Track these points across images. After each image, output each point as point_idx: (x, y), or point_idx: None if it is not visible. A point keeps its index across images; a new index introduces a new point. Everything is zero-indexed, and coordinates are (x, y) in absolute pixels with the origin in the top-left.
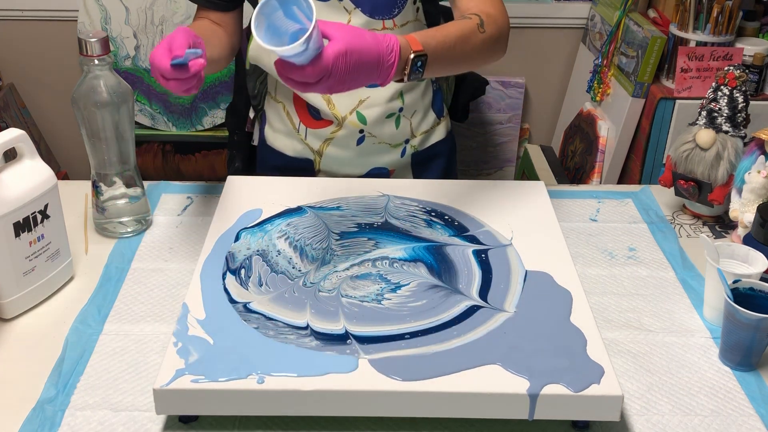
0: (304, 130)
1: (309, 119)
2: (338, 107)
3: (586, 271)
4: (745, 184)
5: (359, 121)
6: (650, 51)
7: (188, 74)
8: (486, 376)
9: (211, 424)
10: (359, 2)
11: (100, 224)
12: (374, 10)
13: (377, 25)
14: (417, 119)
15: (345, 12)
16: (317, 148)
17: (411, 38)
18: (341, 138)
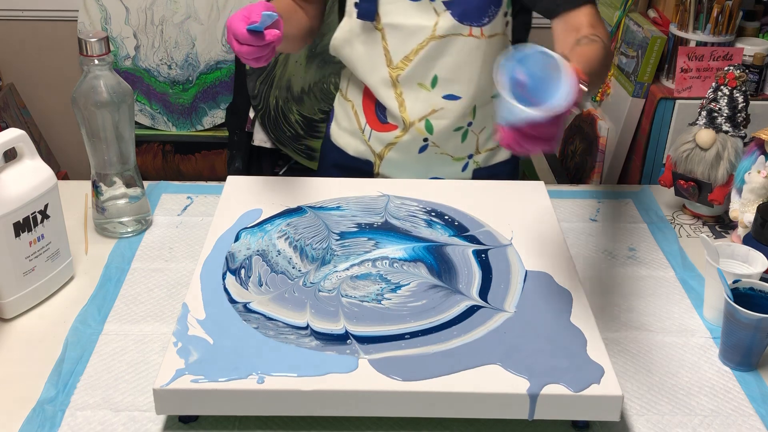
0: (368, 132)
1: (375, 121)
2: (409, 111)
3: (586, 271)
4: (745, 184)
5: (426, 129)
6: (650, 51)
7: (262, 42)
8: (486, 376)
9: (211, 424)
10: (450, 5)
11: (100, 224)
12: (464, 15)
13: (464, 30)
14: (485, 135)
15: (434, 13)
16: (379, 152)
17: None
18: (404, 143)
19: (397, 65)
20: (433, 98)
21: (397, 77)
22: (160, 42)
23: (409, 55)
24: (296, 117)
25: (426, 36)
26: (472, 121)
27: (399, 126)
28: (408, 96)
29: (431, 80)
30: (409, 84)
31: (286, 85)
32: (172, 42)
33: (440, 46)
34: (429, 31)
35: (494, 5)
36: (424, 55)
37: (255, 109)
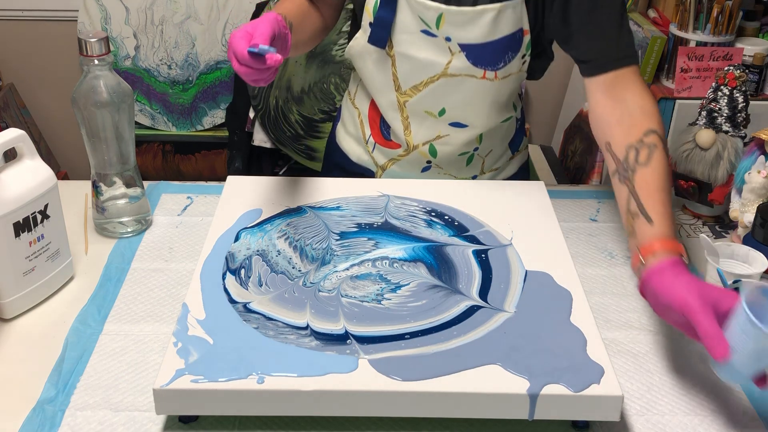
0: (372, 144)
1: (379, 136)
2: (414, 135)
3: (586, 271)
4: (745, 184)
5: (429, 153)
6: (650, 51)
7: (262, 66)
8: (486, 376)
9: (211, 424)
10: (466, 48)
11: (100, 224)
12: (479, 59)
13: (478, 73)
14: (491, 159)
15: (448, 52)
16: (381, 164)
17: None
18: (407, 162)
19: (406, 92)
20: (439, 125)
21: (405, 102)
22: (160, 42)
23: (418, 86)
24: (296, 117)
25: (437, 72)
26: (478, 147)
27: (402, 146)
28: (414, 120)
29: (439, 110)
30: (416, 110)
31: (286, 85)
32: (172, 42)
33: (451, 83)
34: (441, 68)
35: (512, 51)
36: (434, 89)
37: (255, 109)
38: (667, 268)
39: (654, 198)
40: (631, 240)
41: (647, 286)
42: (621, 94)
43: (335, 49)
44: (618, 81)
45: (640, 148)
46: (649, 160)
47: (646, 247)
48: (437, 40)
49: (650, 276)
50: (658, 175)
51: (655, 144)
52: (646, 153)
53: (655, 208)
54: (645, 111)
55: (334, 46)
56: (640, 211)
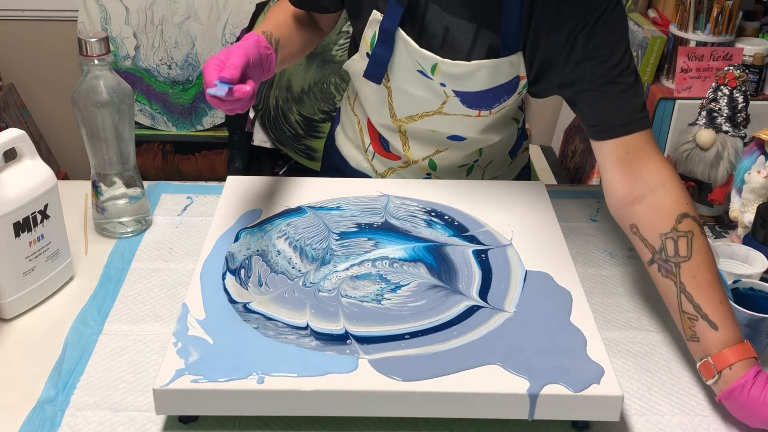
0: (372, 153)
1: (379, 147)
2: (413, 151)
3: (586, 271)
4: (745, 184)
5: (429, 166)
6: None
7: (230, 97)
8: (486, 376)
9: (211, 424)
10: (461, 95)
11: (100, 224)
12: (473, 104)
13: (472, 113)
14: (491, 169)
15: (443, 95)
16: (381, 172)
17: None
18: (406, 172)
19: (401, 119)
20: (438, 139)
21: (400, 126)
22: (160, 42)
23: (413, 116)
24: (296, 117)
25: (432, 109)
26: (479, 159)
27: (402, 159)
28: (412, 138)
29: (438, 129)
30: (413, 131)
31: (286, 85)
32: (172, 42)
33: (446, 119)
34: (436, 106)
35: (507, 94)
36: (429, 120)
37: (255, 109)
38: (750, 381)
39: (710, 297)
40: (693, 344)
41: (732, 401)
42: (637, 167)
43: (335, 49)
44: (631, 149)
45: (677, 238)
46: (691, 252)
47: (720, 359)
48: (433, 83)
49: (734, 392)
50: (706, 268)
51: (692, 231)
52: (686, 243)
53: (716, 311)
54: (669, 189)
55: (334, 46)
56: (700, 315)
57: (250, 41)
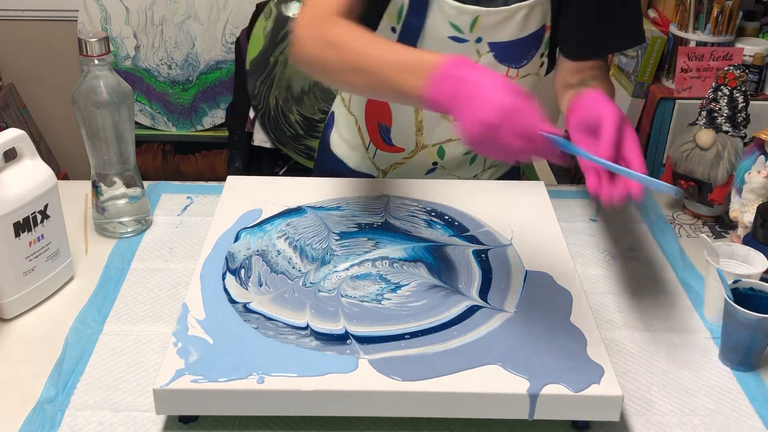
0: (373, 150)
1: (380, 142)
2: (425, 136)
3: (586, 271)
4: (745, 184)
5: (437, 154)
6: (650, 51)
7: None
8: (486, 376)
9: (211, 424)
10: (495, 46)
11: (100, 224)
12: (505, 57)
13: (501, 70)
14: (490, 159)
15: (476, 54)
16: (384, 168)
17: None
18: (411, 165)
19: None
20: (452, 129)
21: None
22: (160, 42)
23: None
24: (296, 117)
25: None
26: None
27: (408, 148)
28: (428, 123)
29: None
30: (432, 114)
31: (286, 85)
32: (172, 42)
33: None
34: None
35: (534, 48)
36: None
37: (255, 109)
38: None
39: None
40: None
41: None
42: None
43: None
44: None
45: (594, 77)
46: (599, 78)
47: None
48: (466, 45)
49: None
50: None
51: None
52: (599, 76)
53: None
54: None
55: None
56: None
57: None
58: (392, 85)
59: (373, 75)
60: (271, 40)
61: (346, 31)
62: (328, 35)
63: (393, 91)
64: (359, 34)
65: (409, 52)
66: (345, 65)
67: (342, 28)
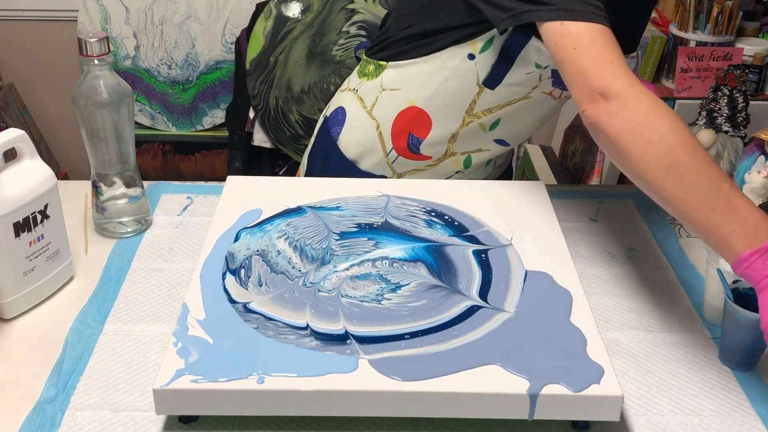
0: (394, 156)
1: (405, 151)
2: (457, 145)
3: (586, 271)
4: (745, 184)
5: (464, 163)
6: (650, 51)
7: None
8: (486, 376)
9: (211, 424)
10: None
11: (100, 224)
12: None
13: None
14: (500, 160)
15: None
16: (401, 172)
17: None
18: (432, 172)
19: (477, 114)
20: (484, 139)
21: (468, 122)
22: (160, 42)
23: (492, 108)
24: (296, 117)
25: (519, 96)
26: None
27: (435, 156)
28: (464, 133)
29: (493, 123)
30: (473, 126)
31: (286, 85)
32: (172, 42)
33: (526, 105)
34: (525, 93)
35: None
36: (506, 111)
37: (255, 109)
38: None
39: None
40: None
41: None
42: None
43: (335, 49)
44: None
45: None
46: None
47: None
48: (537, 70)
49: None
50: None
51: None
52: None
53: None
54: None
55: (334, 46)
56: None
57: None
58: (715, 226)
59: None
60: (271, 40)
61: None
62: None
63: (709, 229)
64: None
65: (750, 210)
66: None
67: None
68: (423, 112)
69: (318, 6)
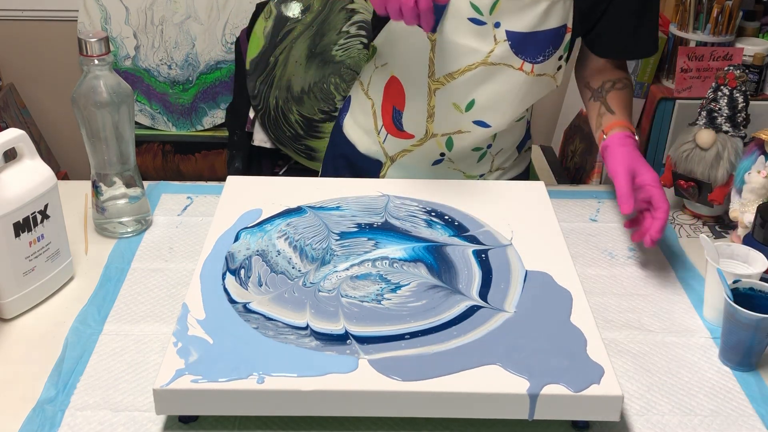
0: (384, 135)
1: (392, 127)
2: (436, 124)
3: (586, 271)
4: (745, 184)
5: (446, 145)
6: None
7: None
8: (486, 376)
9: (211, 424)
10: (512, 36)
11: (100, 224)
12: (521, 48)
13: (516, 62)
14: (501, 158)
15: (492, 41)
16: (392, 155)
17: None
18: (419, 153)
19: (439, 79)
20: (462, 120)
21: (435, 90)
22: (160, 42)
23: (453, 73)
24: (296, 117)
25: (477, 60)
26: (492, 144)
27: (417, 135)
28: (439, 111)
29: (468, 104)
30: (444, 100)
31: (286, 85)
32: (172, 42)
33: (488, 72)
34: (482, 56)
35: (553, 47)
36: (469, 78)
37: (255, 109)
38: (617, 140)
39: (620, 103)
40: (599, 133)
41: (603, 154)
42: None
43: (335, 49)
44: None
45: (615, 81)
46: (622, 89)
47: (607, 127)
48: (484, 27)
49: (605, 146)
50: (626, 96)
51: (628, 83)
52: (621, 85)
53: (618, 107)
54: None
55: (334, 46)
56: (607, 111)
57: None
58: None
59: None
60: (271, 40)
61: None
62: None
63: None
64: None
65: None
66: None
67: None
68: (397, 80)
69: (318, 6)
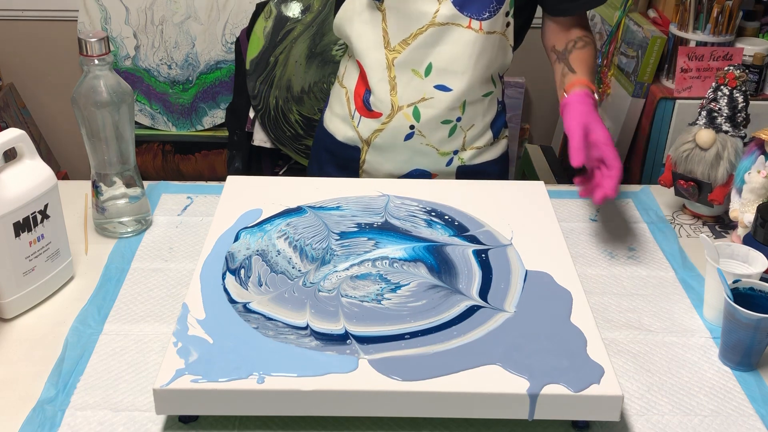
0: (358, 118)
1: (362, 108)
2: (399, 96)
3: (586, 271)
4: (745, 184)
5: (413, 116)
6: (650, 51)
7: None
8: (486, 376)
9: (211, 424)
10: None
11: (100, 224)
12: (464, 6)
13: (463, 21)
14: (472, 133)
15: (436, 1)
16: (366, 137)
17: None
18: (390, 130)
19: (395, 48)
20: (424, 86)
21: (393, 60)
22: (160, 42)
23: (407, 39)
24: (296, 117)
25: (426, 22)
26: (461, 117)
27: (385, 112)
28: (401, 80)
29: (425, 68)
30: (403, 69)
31: (286, 85)
32: (172, 42)
33: (438, 33)
34: (429, 17)
35: (497, 2)
36: (422, 41)
37: (255, 109)
38: (576, 98)
39: (582, 63)
40: (560, 90)
41: (562, 112)
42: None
43: (335, 49)
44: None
45: (577, 41)
46: (583, 48)
47: (568, 86)
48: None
49: (564, 104)
50: (588, 54)
51: (589, 41)
52: (582, 44)
53: (580, 67)
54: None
55: (334, 46)
56: (569, 70)
57: None
58: None
59: None
60: (271, 40)
61: None
62: None
63: None
64: None
65: None
66: None
67: None
68: (359, 63)
69: (318, 6)
